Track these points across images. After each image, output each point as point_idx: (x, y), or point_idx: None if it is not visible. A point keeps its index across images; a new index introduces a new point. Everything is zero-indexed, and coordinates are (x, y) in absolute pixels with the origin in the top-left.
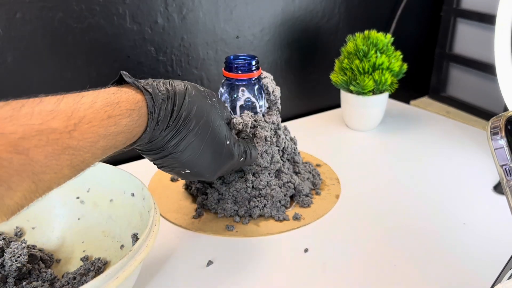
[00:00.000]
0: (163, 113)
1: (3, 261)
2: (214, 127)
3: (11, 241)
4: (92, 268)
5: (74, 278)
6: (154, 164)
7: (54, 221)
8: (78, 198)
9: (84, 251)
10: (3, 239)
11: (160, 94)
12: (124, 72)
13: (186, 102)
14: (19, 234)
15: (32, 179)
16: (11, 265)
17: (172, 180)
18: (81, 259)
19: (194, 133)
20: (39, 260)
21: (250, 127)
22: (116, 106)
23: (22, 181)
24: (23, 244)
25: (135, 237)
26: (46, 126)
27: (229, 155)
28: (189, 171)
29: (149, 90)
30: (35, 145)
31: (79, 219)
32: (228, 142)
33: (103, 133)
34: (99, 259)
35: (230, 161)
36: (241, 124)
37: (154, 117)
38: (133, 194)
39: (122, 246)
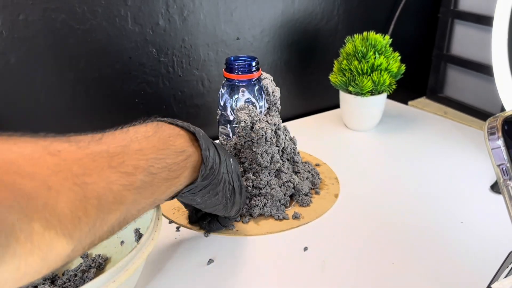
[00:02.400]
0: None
1: None
2: (234, 185)
3: None
4: (93, 265)
5: (75, 275)
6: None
7: None
8: None
9: None
10: None
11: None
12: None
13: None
14: None
15: (73, 181)
16: None
17: None
18: (80, 257)
19: (222, 192)
20: None
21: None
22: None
23: (62, 181)
24: None
25: (137, 232)
26: (72, 138)
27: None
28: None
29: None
30: (65, 148)
31: None
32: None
33: (128, 139)
34: (99, 255)
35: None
36: (244, 121)
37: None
38: None
39: (122, 242)
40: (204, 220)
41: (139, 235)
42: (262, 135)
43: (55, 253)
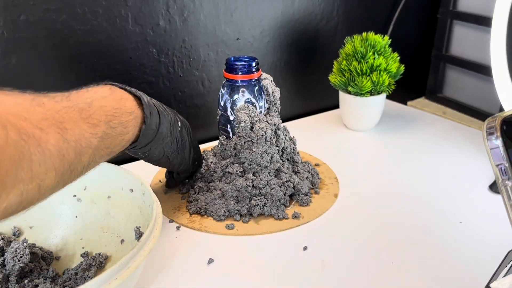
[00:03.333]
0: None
1: (4, 260)
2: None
3: (11, 241)
4: (93, 263)
5: (76, 274)
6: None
7: (51, 219)
8: (75, 196)
9: (83, 248)
10: (2, 239)
11: (151, 109)
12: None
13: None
14: (17, 233)
15: (57, 126)
16: (14, 265)
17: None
18: (81, 255)
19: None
20: (40, 258)
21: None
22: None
23: (50, 125)
24: (25, 244)
25: (137, 230)
26: (47, 95)
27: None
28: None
29: (145, 100)
30: (46, 101)
31: (76, 216)
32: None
33: (90, 99)
34: (99, 254)
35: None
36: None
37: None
38: (131, 190)
39: (122, 241)
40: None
41: (139, 234)
42: (262, 135)
43: (46, 184)
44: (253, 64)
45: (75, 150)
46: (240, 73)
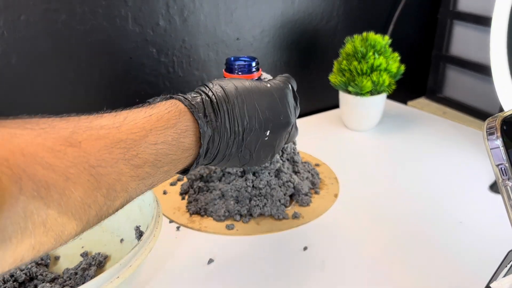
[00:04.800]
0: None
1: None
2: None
3: None
4: (93, 263)
5: (76, 274)
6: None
7: None
8: None
9: (82, 247)
10: None
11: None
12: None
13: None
14: None
15: (89, 172)
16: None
17: (172, 184)
18: (81, 255)
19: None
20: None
21: None
22: (154, 107)
23: (80, 173)
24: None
25: (137, 230)
26: (94, 124)
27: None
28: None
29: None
30: (86, 138)
31: None
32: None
33: (149, 127)
34: (99, 253)
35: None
36: None
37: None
38: None
39: (122, 240)
40: None
41: (139, 233)
42: None
43: (66, 233)
44: (253, 64)
45: (107, 196)
46: (240, 73)
